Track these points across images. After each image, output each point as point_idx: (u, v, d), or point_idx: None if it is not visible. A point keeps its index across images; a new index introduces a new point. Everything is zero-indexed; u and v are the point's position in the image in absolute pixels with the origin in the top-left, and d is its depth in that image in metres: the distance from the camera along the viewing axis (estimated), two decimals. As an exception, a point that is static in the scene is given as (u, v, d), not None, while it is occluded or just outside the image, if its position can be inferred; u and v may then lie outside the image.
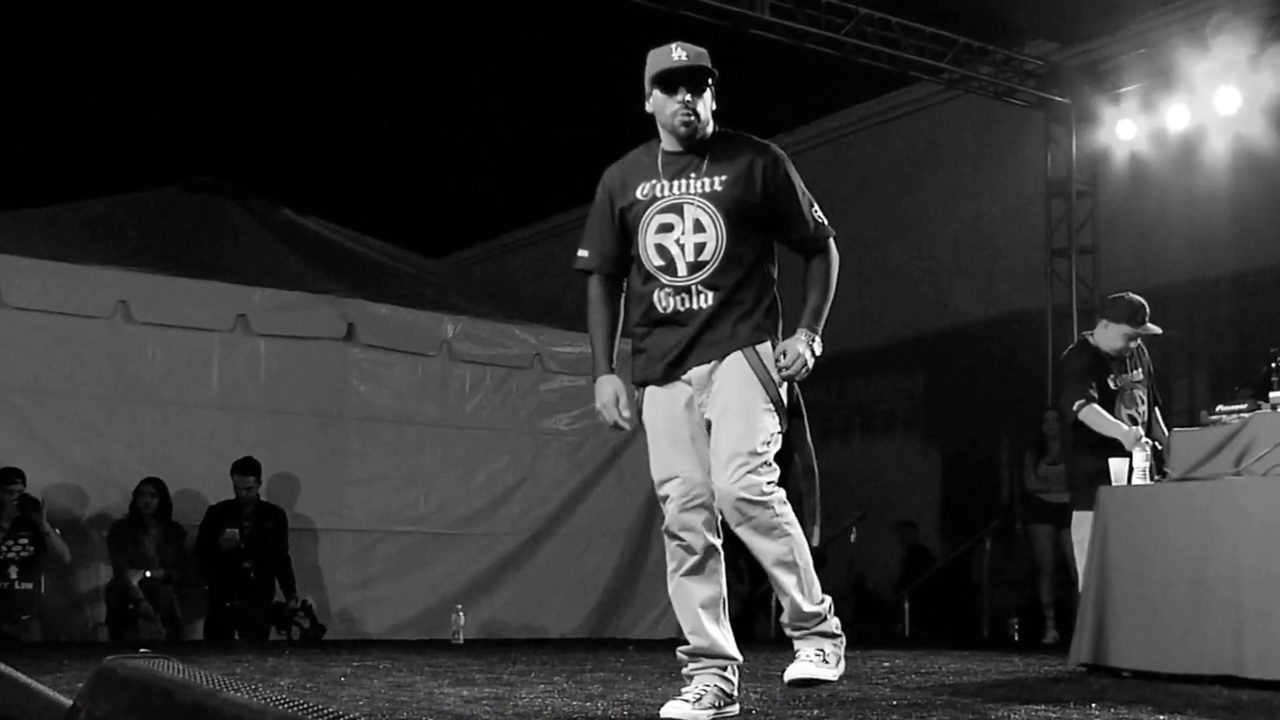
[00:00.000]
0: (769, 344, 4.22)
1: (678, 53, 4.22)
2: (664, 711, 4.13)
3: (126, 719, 1.97)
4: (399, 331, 10.15)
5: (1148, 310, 7.25)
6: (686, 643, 4.25)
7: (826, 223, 4.37)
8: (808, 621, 4.20)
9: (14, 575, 8.57)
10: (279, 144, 15.52)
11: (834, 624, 4.26)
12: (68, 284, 9.00)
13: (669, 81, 4.20)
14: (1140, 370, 7.31)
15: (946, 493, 14.45)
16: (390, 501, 10.12)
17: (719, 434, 4.14)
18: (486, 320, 10.63)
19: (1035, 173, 13.26)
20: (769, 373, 4.18)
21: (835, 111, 15.53)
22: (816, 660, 4.17)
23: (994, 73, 12.50)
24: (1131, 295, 7.32)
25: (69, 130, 15.56)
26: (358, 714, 1.62)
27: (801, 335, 4.20)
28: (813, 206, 4.34)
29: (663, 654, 7.59)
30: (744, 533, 4.11)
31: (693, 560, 4.21)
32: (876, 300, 14.59)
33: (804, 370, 4.17)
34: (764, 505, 4.07)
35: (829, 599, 4.26)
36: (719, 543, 4.25)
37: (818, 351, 4.21)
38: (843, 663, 4.26)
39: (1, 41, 14.20)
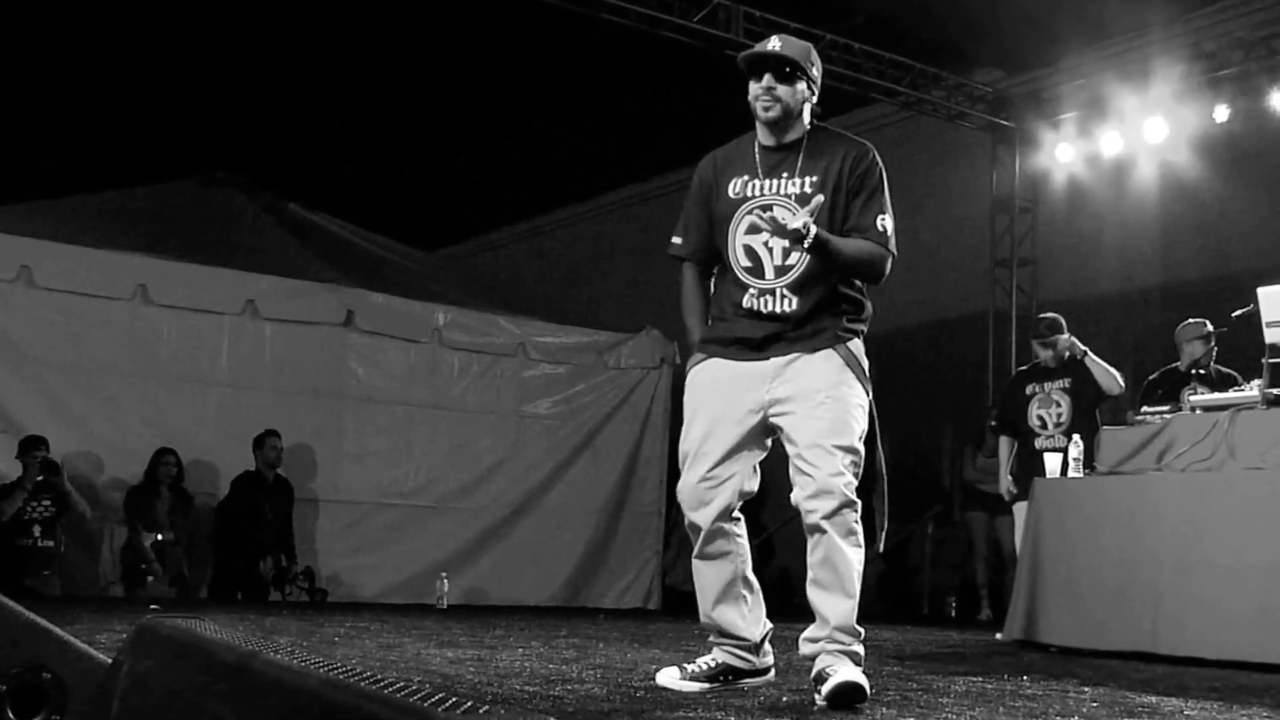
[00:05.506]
0: (859, 341, 3.85)
1: (773, 42, 3.82)
2: (657, 677, 3.91)
3: (168, 675, 1.97)
4: (394, 319, 10.15)
5: (1048, 324, 7.66)
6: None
7: (891, 240, 3.82)
8: (848, 635, 3.63)
9: (37, 534, 8.56)
10: (289, 143, 15.47)
11: (861, 652, 3.68)
12: (92, 268, 9.01)
13: (754, 66, 3.80)
14: (1069, 379, 7.59)
15: (891, 480, 14.45)
16: (382, 476, 10.12)
17: (805, 422, 3.67)
18: (475, 310, 10.64)
19: (981, 190, 13.34)
20: (862, 369, 3.81)
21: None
22: (855, 669, 3.57)
23: (946, 96, 12.57)
24: (1044, 314, 7.80)
25: (96, 126, 15.48)
26: (401, 678, 1.63)
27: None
28: (883, 216, 3.81)
29: (630, 622, 7.63)
30: (825, 534, 3.62)
31: (699, 541, 3.81)
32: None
33: (781, 228, 3.58)
34: (852, 506, 3.65)
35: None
36: (729, 526, 3.80)
37: (811, 231, 3.57)
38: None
39: (33, 43, 14.14)
